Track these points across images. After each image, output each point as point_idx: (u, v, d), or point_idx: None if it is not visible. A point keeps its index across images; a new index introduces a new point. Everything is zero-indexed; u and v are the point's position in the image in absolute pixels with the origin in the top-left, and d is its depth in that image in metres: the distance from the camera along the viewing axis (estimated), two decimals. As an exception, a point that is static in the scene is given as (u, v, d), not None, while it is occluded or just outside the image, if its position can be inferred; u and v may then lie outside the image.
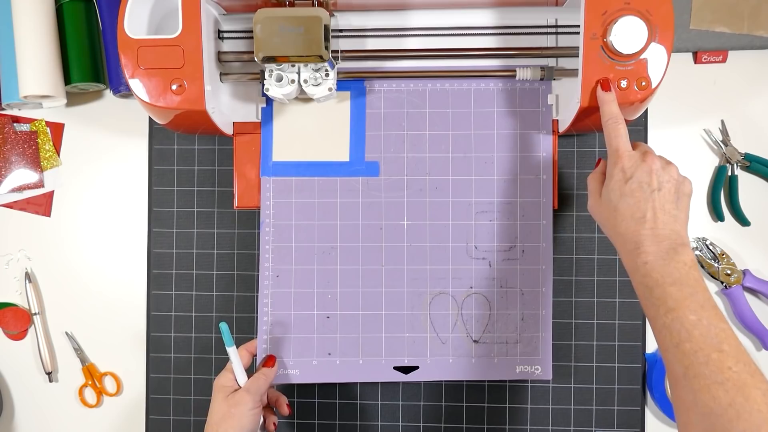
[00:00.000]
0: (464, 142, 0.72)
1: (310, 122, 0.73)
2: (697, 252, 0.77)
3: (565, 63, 0.72)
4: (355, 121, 0.73)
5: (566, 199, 0.77)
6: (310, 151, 0.73)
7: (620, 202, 0.58)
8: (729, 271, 0.77)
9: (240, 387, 0.67)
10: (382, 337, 0.73)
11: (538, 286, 0.73)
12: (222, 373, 0.68)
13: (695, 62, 0.79)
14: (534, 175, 0.72)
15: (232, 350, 0.67)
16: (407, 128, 0.73)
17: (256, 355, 0.72)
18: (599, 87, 0.62)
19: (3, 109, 0.81)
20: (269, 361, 0.71)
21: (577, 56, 0.64)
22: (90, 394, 0.81)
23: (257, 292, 0.74)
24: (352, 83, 0.73)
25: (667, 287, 0.53)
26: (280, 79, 0.69)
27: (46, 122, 0.81)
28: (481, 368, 0.72)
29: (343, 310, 0.73)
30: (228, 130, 0.73)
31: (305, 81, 0.69)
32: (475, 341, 0.72)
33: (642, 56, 0.63)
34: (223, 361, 0.79)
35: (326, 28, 0.65)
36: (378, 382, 0.77)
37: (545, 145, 0.72)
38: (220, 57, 0.72)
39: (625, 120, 0.67)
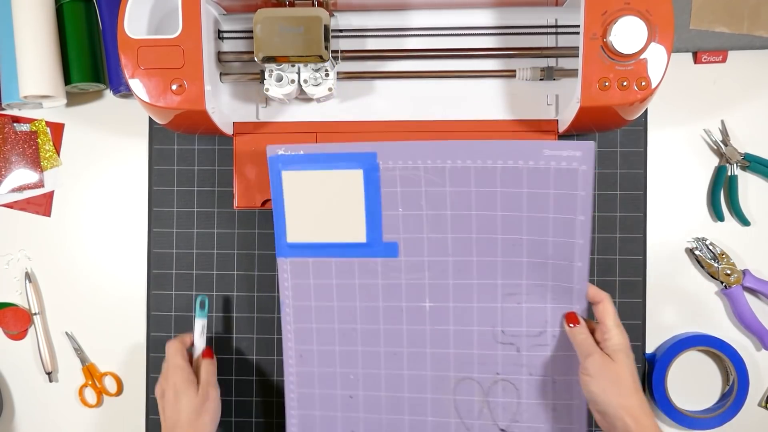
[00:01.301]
0: (489, 223, 0.65)
1: (323, 202, 0.68)
2: (697, 252, 0.77)
3: (565, 63, 0.72)
4: (370, 201, 0.67)
5: (566, 199, 0.77)
6: (325, 232, 0.69)
7: (631, 374, 0.61)
8: (729, 271, 0.77)
9: (193, 355, 0.72)
10: (405, 419, 0.70)
11: (571, 374, 0.66)
12: (176, 340, 0.72)
13: (695, 62, 0.79)
14: (567, 261, 0.64)
15: (201, 322, 0.73)
16: (426, 208, 0.66)
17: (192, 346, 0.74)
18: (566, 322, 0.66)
19: (3, 109, 0.81)
20: (208, 352, 0.73)
21: (577, 56, 0.64)
22: (90, 394, 0.81)
23: (284, 369, 0.72)
24: (363, 159, 0.66)
25: None
26: (280, 79, 0.69)
27: (46, 122, 0.81)
28: None
29: (366, 390, 0.70)
30: (228, 130, 0.73)
31: (305, 81, 0.69)
32: (502, 430, 0.68)
33: (642, 56, 0.63)
34: (223, 359, 0.79)
35: (326, 28, 0.65)
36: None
37: (582, 231, 0.63)
38: (220, 57, 0.72)
39: (625, 120, 0.67)
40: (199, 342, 0.73)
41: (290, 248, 0.69)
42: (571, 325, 0.64)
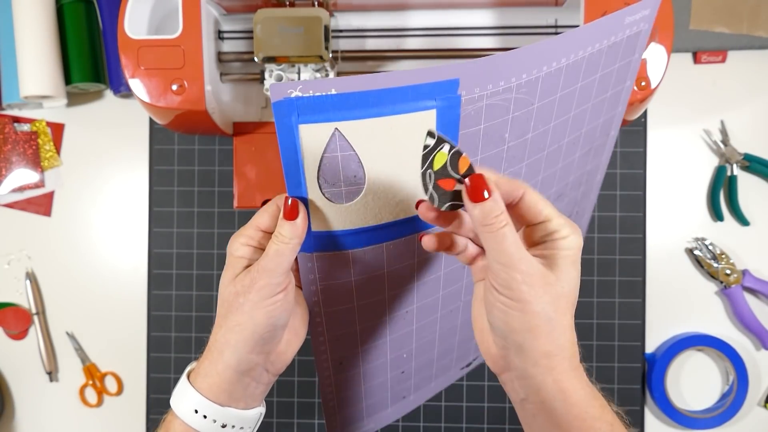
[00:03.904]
0: (561, 129, 0.51)
1: (374, 165, 0.43)
2: (697, 252, 0.77)
3: (564, 63, 0.72)
4: None
5: (566, 199, 0.77)
6: (373, 212, 0.45)
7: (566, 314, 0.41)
8: (728, 271, 0.77)
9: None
10: (455, 344, 0.64)
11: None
12: (239, 233, 0.45)
13: (695, 62, 0.79)
14: (605, 135, 0.57)
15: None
16: (510, 139, 0.48)
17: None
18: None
19: (4, 110, 0.81)
20: (291, 210, 0.42)
21: (577, 56, 0.64)
22: (91, 394, 0.81)
23: (318, 379, 0.57)
24: (438, 91, 0.42)
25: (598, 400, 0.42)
26: (280, 79, 0.69)
27: (47, 122, 0.81)
28: None
29: (420, 356, 0.61)
30: (228, 130, 0.73)
31: (305, 81, 0.69)
32: None
33: (642, 56, 0.63)
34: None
35: (326, 28, 0.65)
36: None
37: (625, 97, 0.55)
38: (220, 57, 0.72)
39: (625, 120, 0.67)
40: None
41: (316, 239, 0.46)
42: None
